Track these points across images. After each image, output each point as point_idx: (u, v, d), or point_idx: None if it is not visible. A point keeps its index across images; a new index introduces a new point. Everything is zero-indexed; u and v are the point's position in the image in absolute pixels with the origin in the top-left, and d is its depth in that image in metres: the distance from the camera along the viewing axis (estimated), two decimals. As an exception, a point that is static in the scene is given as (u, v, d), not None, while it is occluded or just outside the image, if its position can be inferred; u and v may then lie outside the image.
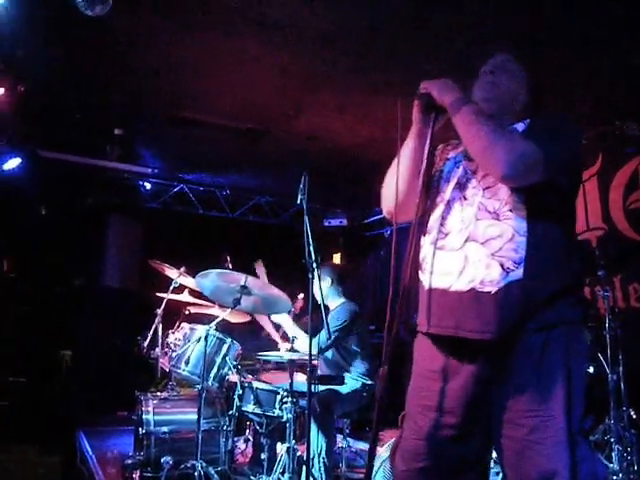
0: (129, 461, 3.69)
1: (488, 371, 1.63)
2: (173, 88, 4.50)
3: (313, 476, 3.31)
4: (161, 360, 4.06)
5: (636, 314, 4.78)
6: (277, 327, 4.35)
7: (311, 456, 3.31)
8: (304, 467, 3.26)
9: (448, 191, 1.78)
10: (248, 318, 4.50)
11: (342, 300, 4.11)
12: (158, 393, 3.99)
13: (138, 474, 3.49)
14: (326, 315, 3.48)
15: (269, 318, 4.22)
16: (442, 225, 1.74)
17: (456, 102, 1.67)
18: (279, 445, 3.69)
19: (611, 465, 3.80)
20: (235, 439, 3.94)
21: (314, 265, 3.18)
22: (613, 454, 3.82)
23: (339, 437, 4.10)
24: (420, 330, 1.77)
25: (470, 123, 1.65)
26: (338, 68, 4.08)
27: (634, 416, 3.95)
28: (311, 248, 3.18)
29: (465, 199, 1.72)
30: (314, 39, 3.73)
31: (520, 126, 1.76)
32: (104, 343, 6.29)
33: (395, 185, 1.77)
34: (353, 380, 3.83)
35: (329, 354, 3.95)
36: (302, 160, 5.58)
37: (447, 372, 1.68)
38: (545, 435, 1.52)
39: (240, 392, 3.62)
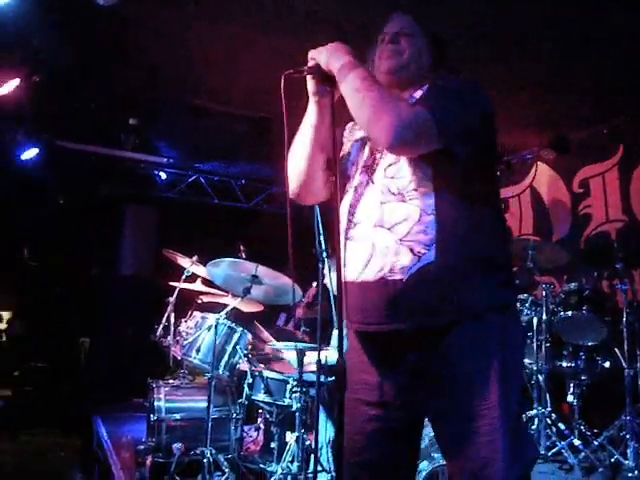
0: (141, 446, 3.73)
1: (416, 362, 1.53)
2: (187, 77, 4.51)
3: (322, 465, 3.31)
4: (173, 348, 4.08)
5: (655, 308, 4.67)
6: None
7: (319, 445, 3.31)
8: (312, 456, 3.28)
9: (356, 176, 1.66)
10: (261, 308, 4.51)
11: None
12: (170, 381, 4.02)
13: (150, 459, 3.53)
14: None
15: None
16: (351, 214, 1.61)
17: (343, 68, 1.52)
18: (288, 434, 3.71)
19: (626, 462, 3.74)
20: (247, 427, 3.96)
21: (324, 254, 3.15)
22: (628, 450, 3.75)
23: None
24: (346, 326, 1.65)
25: (355, 90, 1.50)
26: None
27: (651, 412, 3.88)
28: (321, 237, 3.15)
29: (372, 183, 1.60)
30: (326, 26, 3.69)
31: (418, 93, 1.63)
32: (120, 331, 6.36)
33: (296, 167, 1.69)
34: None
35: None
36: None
37: (377, 365, 1.60)
38: (481, 424, 1.44)
39: (250, 381, 3.63)
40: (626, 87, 4.42)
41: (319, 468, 3.24)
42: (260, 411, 4.35)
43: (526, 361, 4.18)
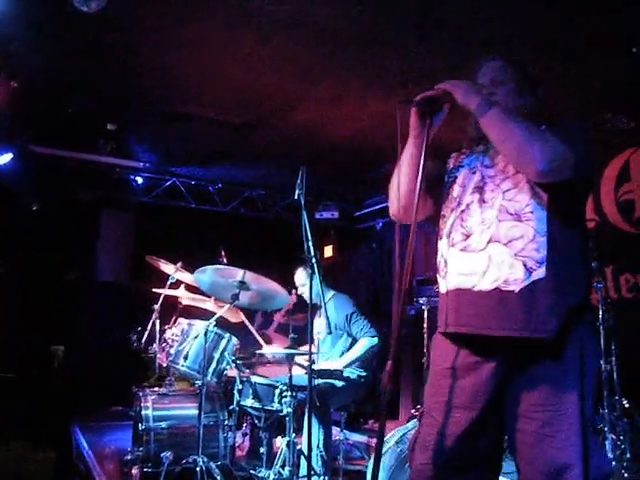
0: (128, 457, 3.70)
1: (505, 368, 1.67)
2: (167, 81, 4.47)
3: (313, 469, 3.33)
4: (159, 356, 4.05)
5: (628, 305, 4.85)
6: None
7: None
8: (303, 460, 3.30)
9: (466, 196, 1.81)
10: (241, 319, 4.51)
11: (332, 292, 4.12)
12: (156, 388, 3.99)
13: (137, 469, 3.50)
14: (316, 312, 3.50)
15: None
16: (463, 227, 1.77)
17: (483, 103, 1.69)
18: (278, 439, 3.72)
19: (604, 453, 3.87)
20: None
21: (314, 260, 3.16)
22: (607, 443, 3.88)
23: (336, 429, 4.13)
24: (440, 330, 1.81)
25: (503, 122, 1.67)
26: (335, 60, 4.07)
27: (627, 405, 4.02)
28: (310, 243, 3.16)
29: (484, 202, 1.76)
30: (312, 31, 3.71)
31: None
32: (96, 338, 6.27)
33: (397, 190, 1.85)
34: (349, 372, 3.86)
35: (337, 346, 3.97)
36: (294, 153, 5.58)
37: (464, 369, 1.72)
38: (558, 429, 1.56)
39: (240, 387, 3.63)
40: (598, 90, 4.55)
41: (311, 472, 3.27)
42: (246, 417, 4.37)
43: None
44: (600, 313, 4.11)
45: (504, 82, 1.83)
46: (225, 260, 4.61)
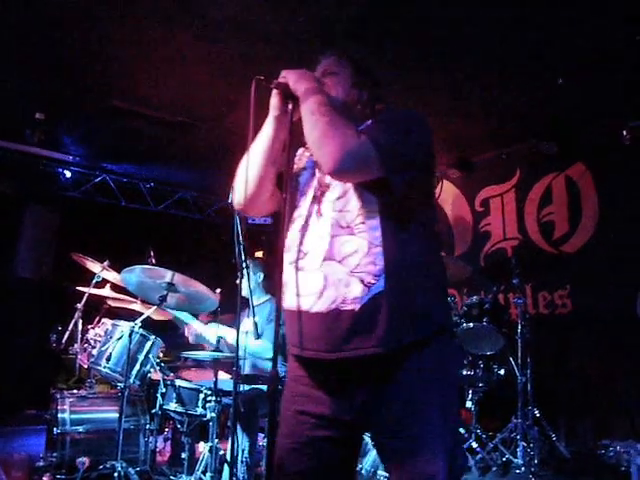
0: (40, 463, 3.52)
1: (364, 386, 1.58)
2: (103, 76, 4.34)
3: (236, 475, 3.30)
4: (79, 356, 3.90)
5: (544, 320, 5.11)
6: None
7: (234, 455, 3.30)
8: (226, 466, 3.26)
9: (305, 206, 1.70)
10: (170, 317, 4.42)
11: (268, 297, 4.11)
12: (75, 391, 3.84)
13: (49, 477, 3.34)
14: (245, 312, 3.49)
15: None
16: (301, 244, 1.65)
17: (307, 91, 1.60)
18: (201, 444, 3.66)
19: (516, 460, 4.06)
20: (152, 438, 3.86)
21: (244, 264, 3.16)
22: (518, 450, 4.08)
23: (261, 436, 4.11)
24: (292, 352, 1.70)
25: (311, 113, 1.57)
26: (278, 64, 4.07)
27: (538, 415, 4.24)
28: (241, 247, 3.15)
29: (320, 214, 1.65)
30: (253, 37, 3.72)
31: (364, 126, 1.69)
32: (13, 336, 5.95)
33: (245, 176, 1.67)
34: (277, 379, 3.85)
35: (260, 352, 3.95)
36: (231, 156, 5.52)
37: (320, 382, 1.64)
38: (423, 443, 1.53)
39: (163, 390, 3.55)
40: (526, 116, 4.81)
41: (233, 479, 3.24)
42: (169, 421, 4.27)
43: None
44: (519, 328, 4.33)
45: (335, 73, 1.75)
46: (154, 261, 4.51)
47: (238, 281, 3.15)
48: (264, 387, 3.74)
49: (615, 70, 3.97)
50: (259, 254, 8.13)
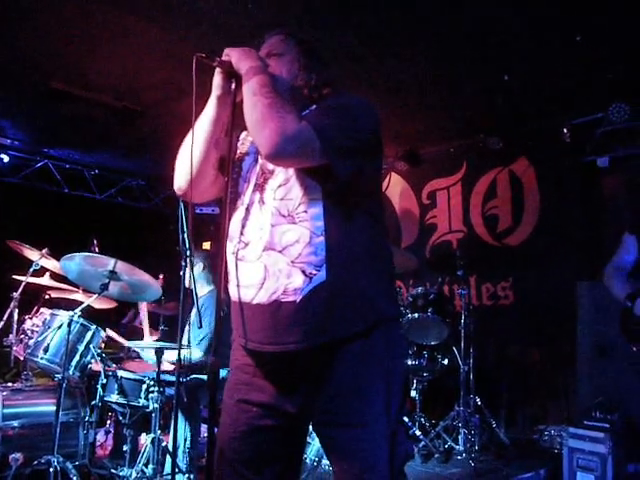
0: (-32, 461, 3.37)
1: (307, 376, 1.57)
2: (46, 56, 4.15)
3: (178, 467, 3.25)
4: (15, 348, 3.76)
5: (487, 311, 5.25)
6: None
7: (177, 446, 3.26)
8: (168, 457, 3.21)
9: (247, 193, 1.65)
10: (114, 304, 4.32)
11: (211, 287, 4.06)
12: (9, 384, 3.69)
13: (-24, 475, 3.20)
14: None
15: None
16: (242, 234, 1.61)
17: (249, 71, 1.54)
18: (143, 436, 3.59)
19: (457, 447, 4.17)
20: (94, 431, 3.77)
21: (188, 253, 3.12)
22: (459, 437, 4.20)
23: (204, 427, 4.07)
24: (237, 342, 1.69)
25: (252, 94, 1.51)
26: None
27: (479, 403, 4.36)
28: (185, 236, 3.12)
29: (263, 203, 1.60)
30: (205, 24, 3.64)
31: (307, 111, 1.64)
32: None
33: (187, 159, 1.61)
34: (221, 369, 3.81)
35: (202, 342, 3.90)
36: (179, 145, 5.42)
37: (263, 372, 1.63)
38: (366, 432, 1.53)
39: (104, 381, 3.47)
40: (473, 112, 4.90)
41: (176, 470, 3.19)
42: (110, 414, 4.18)
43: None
44: (462, 319, 4.43)
45: (281, 54, 1.68)
46: (97, 249, 4.40)
47: (182, 272, 3.12)
48: (206, 377, 3.71)
49: (557, 69, 4.09)
50: (207, 244, 8.03)
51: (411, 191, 6.14)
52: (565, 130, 4.78)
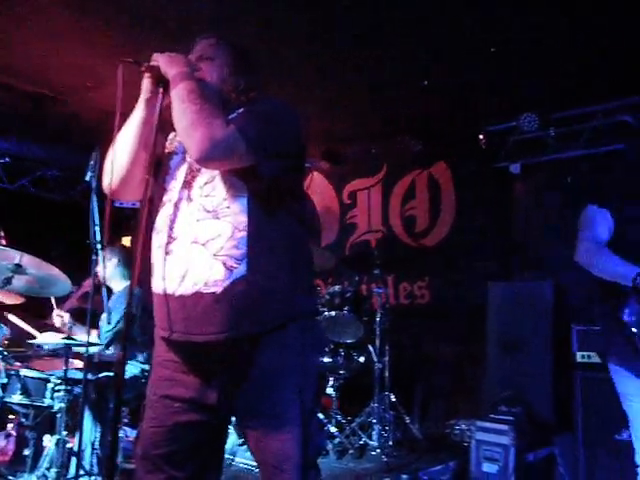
0: None
1: (226, 368, 1.63)
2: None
3: (84, 468, 3.13)
4: None
5: (404, 310, 5.40)
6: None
7: (83, 447, 3.14)
8: (74, 460, 3.09)
9: (175, 190, 1.69)
10: (20, 300, 4.10)
11: (127, 283, 3.94)
12: None
13: None
14: (109, 298, 3.35)
15: None
16: (171, 229, 1.66)
17: (177, 77, 1.60)
18: (47, 438, 3.43)
19: (372, 442, 4.26)
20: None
21: (98, 246, 3.03)
22: (373, 433, 4.29)
23: (127, 428, 3.94)
24: (160, 335, 1.71)
25: (181, 100, 1.58)
26: (150, 44, 3.89)
27: (394, 399, 4.47)
28: (97, 228, 3.04)
29: (190, 200, 1.65)
30: (122, 9, 3.52)
31: (234, 115, 1.70)
32: None
33: (116, 159, 1.70)
34: (132, 366, 3.70)
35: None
36: (95, 134, 5.22)
37: (185, 366, 1.66)
38: (280, 423, 1.60)
39: (5, 381, 3.28)
40: (394, 114, 5.01)
41: (81, 472, 3.08)
42: (13, 416, 3.96)
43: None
44: (378, 317, 4.53)
45: (212, 58, 1.75)
46: (4, 242, 4.18)
47: (92, 266, 3.02)
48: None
49: (475, 76, 4.24)
50: (127, 239, 7.79)
51: (332, 190, 6.21)
52: (481, 136, 4.99)
